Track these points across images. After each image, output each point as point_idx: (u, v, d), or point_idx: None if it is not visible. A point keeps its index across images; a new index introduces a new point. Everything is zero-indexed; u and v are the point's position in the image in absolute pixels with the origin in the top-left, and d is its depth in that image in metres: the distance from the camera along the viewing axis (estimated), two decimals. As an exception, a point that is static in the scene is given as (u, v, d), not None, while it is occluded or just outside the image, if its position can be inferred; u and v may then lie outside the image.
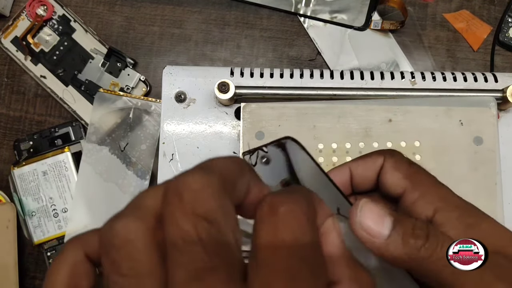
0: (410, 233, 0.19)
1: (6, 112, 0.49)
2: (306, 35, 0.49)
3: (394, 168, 0.23)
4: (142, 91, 0.48)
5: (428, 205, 0.22)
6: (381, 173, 0.24)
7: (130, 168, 0.46)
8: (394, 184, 0.23)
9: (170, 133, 0.38)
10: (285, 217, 0.16)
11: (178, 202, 0.15)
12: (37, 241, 0.46)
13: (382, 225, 0.20)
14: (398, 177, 0.23)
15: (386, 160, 0.24)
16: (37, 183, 0.46)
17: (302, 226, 0.16)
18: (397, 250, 0.19)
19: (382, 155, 0.24)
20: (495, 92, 0.36)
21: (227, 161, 0.18)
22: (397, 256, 0.19)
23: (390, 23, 0.47)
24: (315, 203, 0.19)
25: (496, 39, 0.48)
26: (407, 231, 0.19)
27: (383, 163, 0.24)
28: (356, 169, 0.25)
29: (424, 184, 0.23)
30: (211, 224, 0.15)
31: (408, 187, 0.22)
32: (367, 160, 0.24)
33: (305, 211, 0.17)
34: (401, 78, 0.38)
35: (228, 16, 0.49)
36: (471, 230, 0.21)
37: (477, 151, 0.36)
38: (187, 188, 0.15)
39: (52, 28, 0.49)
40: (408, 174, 0.23)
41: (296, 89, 0.37)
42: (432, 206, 0.21)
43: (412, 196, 0.22)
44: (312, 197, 0.19)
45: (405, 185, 0.23)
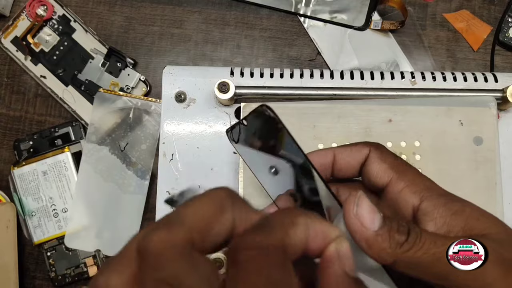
0: (395, 229, 0.21)
1: (6, 112, 0.49)
2: (306, 35, 0.49)
3: (380, 159, 0.24)
4: (142, 91, 0.48)
5: (415, 194, 0.23)
6: (366, 163, 0.25)
7: (130, 168, 0.46)
8: (380, 173, 0.24)
9: (170, 133, 0.38)
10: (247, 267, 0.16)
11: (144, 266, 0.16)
12: (37, 241, 0.46)
13: (374, 219, 0.21)
14: (384, 167, 0.24)
15: (372, 151, 0.25)
16: (37, 183, 0.46)
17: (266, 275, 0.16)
18: (384, 243, 0.21)
19: (368, 146, 0.25)
20: (495, 92, 0.36)
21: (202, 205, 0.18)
22: (383, 248, 0.21)
23: (390, 23, 0.47)
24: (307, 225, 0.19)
25: (496, 39, 0.48)
26: (393, 227, 0.21)
27: (369, 153, 0.25)
28: (341, 154, 0.26)
29: (409, 175, 0.24)
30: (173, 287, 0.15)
31: (394, 177, 0.24)
32: (352, 148, 0.25)
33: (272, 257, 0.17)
34: (401, 78, 0.38)
35: (228, 16, 0.49)
36: (456, 216, 0.22)
37: (477, 151, 0.36)
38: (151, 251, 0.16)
39: (52, 28, 0.49)
40: (394, 165, 0.24)
41: (296, 89, 0.37)
42: (418, 195, 0.23)
43: (398, 185, 0.23)
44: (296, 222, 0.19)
45: (391, 175, 0.24)
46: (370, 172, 0.24)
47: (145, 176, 0.46)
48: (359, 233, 0.21)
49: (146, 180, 0.46)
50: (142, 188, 0.46)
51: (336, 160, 0.26)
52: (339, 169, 0.26)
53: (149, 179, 0.46)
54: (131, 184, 0.46)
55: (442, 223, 0.22)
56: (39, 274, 0.47)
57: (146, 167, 0.47)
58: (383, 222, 0.21)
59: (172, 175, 0.37)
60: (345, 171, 0.26)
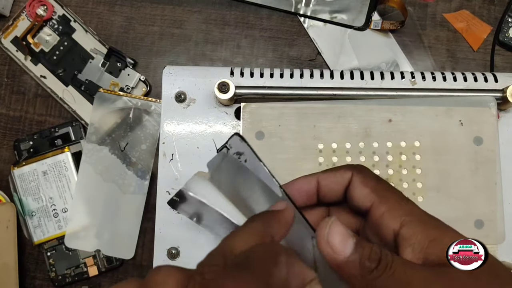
0: (366, 256, 0.21)
1: (6, 112, 0.49)
2: (306, 35, 0.49)
3: (362, 183, 0.25)
4: (142, 91, 0.48)
5: (395, 219, 0.23)
6: (349, 187, 0.25)
7: (130, 168, 0.46)
8: (362, 197, 0.24)
9: (170, 133, 0.38)
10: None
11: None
12: (37, 241, 0.46)
13: (346, 245, 0.22)
14: (366, 192, 0.24)
15: (354, 175, 0.25)
16: (37, 183, 0.46)
17: None
18: (354, 269, 0.21)
19: (351, 170, 0.25)
20: (495, 92, 0.36)
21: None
22: (353, 274, 0.21)
23: (390, 23, 0.47)
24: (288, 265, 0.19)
25: (496, 39, 0.48)
26: (365, 254, 0.22)
27: (352, 177, 0.25)
28: (324, 180, 0.26)
29: (390, 199, 0.24)
30: None
31: (376, 201, 0.24)
32: (335, 174, 0.26)
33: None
34: (401, 78, 0.38)
35: (228, 16, 0.49)
36: (433, 243, 0.22)
37: (477, 151, 0.36)
38: None
39: (52, 28, 0.49)
40: (376, 189, 0.24)
41: (296, 89, 0.37)
42: (398, 220, 0.23)
43: (379, 210, 0.24)
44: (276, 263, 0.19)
45: (372, 199, 0.24)
46: (353, 196, 0.25)
47: (145, 176, 0.46)
48: (329, 258, 0.22)
49: (146, 180, 0.46)
50: (142, 188, 0.46)
51: (320, 186, 0.26)
52: (323, 195, 0.26)
53: (149, 179, 0.46)
54: (131, 184, 0.46)
55: (420, 249, 0.22)
56: (39, 274, 0.47)
57: (146, 167, 0.47)
58: (355, 248, 0.22)
59: (172, 175, 0.37)
60: (330, 196, 0.26)
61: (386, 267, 0.21)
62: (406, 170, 0.35)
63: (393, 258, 0.21)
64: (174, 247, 0.37)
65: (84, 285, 0.47)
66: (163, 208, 0.37)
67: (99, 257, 0.46)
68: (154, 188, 0.45)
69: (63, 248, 0.46)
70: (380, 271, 0.21)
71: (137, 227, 0.46)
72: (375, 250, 0.22)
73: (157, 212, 0.37)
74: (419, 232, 0.22)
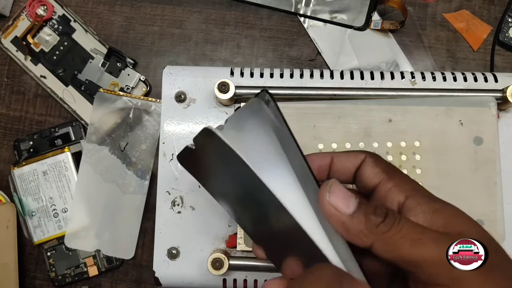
0: (372, 212, 0.22)
1: (6, 112, 0.49)
2: (306, 35, 0.49)
3: (374, 163, 0.26)
4: (142, 91, 0.48)
5: (401, 193, 0.24)
6: (360, 167, 0.26)
7: (130, 168, 0.46)
8: (372, 175, 0.25)
9: (170, 133, 0.38)
10: None
11: None
12: (37, 241, 0.46)
13: (349, 203, 0.22)
14: (377, 171, 0.25)
15: (368, 157, 0.26)
16: (37, 183, 0.46)
17: None
18: (360, 225, 0.22)
19: (364, 153, 0.26)
20: (495, 92, 0.36)
21: None
22: (359, 230, 0.22)
23: (390, 23, 0.47)
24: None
25: (496, 39, 0.48)
26: (370, 210, 0.22)
27: (365, 158, 0.26)
28: (338, 158, 0.27)
29: (399, 177, 0.25)
30: None
31: (384, 178, 0.25)
32: (350, 154, 0.27)
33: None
34: (401, 78, 0.38)
35: (228, 16, 0.49)
36: (437, 213, 0.23)
37: (477, 151, 0.36)
38: None
39: (52, 28, 0.49)
40: (386, 169, 0.25)
41: (296, 89, 0.37)
42: (404, 193, 0.24)
43: (387, 185, 0.24)
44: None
45: (382, 177, 0.25)
46: (364, 174, 0.26)
47: (145, 176, 0.46)
48: (334, 217, 0.22)
49: (146, 180, 0.46)
50: (142, 188, 0.46)
51: (333, 162, 0.27)
52: (335, 171, 0.27)
53: (149, 179, 0.46)
54: (131, 184, 0.46)
55: (424, 219, 0.23)
56: (39, 274, 0.47)
57: (146, 167, 0.47)
58: (358, 206, 0.22)
59: (172, 175, 0.37)
60: (341, 173, 0.27)
61: (394, 222, 0.21)
62: (406, 170, 0.35)
63: (400, 216, 0.22)
64: (174, 247, 0.37)
65: (84, 285, 0.47)
66: (163, 208, 0.37)
67: (99, 257, 0.46)
68: (154, 188, 0.45)
69: (63, 248, 0.46)
70: (388, 226, 0.21)
71: (137, 227, 0.46)
72: (381, 207, 0.22)
73: (157, 212, 0.37)
74: (423, 203, 0.23)
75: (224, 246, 0.37)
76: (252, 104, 0.25)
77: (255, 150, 0.25)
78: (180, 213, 0.37)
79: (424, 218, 0.23)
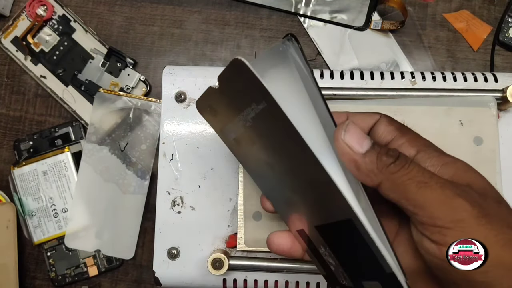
0: (384, 153, 0.23)
1: (6, 112, 0.49)
2: (306, 35, 0.49)
3: (388, 122, 0.27)
4: (142, 91, 0.48)
5: (412, 148, 0.25)
6: (375, 125, 0.27)
7: (130, 168, 0.46)
8: (385, 132, 0.26)
9: (170, 133, 0.38)
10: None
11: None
12: (37, 241, 0.46)
13: (362, 143, 0.23)
14: (391, 128, 0.26)
15: (382, 116, 0.27)
16: (37, 183, 0.46)
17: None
18: (371, 164, 0.23)
19: (379, 114, 0.27)
20: (495, 92, 0.36)
21: None
22: (370, 170, 0.23)
23: (390, 23, 0.47)
24: None
25: (496, 39, 0.48)
26: (382, 151, 0.23)
27: (379, 118, 0.27)
28: (354, 116, 0.28)
29: (411, 134, 0.26)
30: None
31: (397, 135, 0.26)
32: (365, 114, 0.28)
33: None
34: (401, 78, 0.38)
35: (228, 16, 0.49)
36: (447, 166, 0.24)
37: (477, 151, 0.36)
38: None
39: (52, 28, 0.49)
40: (399, 127, 0.26)
41: (296, 89, 0.37)
42: (416, 148, 0.25)
43: (399, 141, 0.26)
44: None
45: (395, 134, 0.26)
46: (377, 132, 0.27)
47: (145, 176, 0.46)
48: (347, 155, 0.23)
49: (146, 180, 0.46)
50: (142, 188, 0.46)
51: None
52: None
53: (149, 179, 0.46)
54: (131, 184, 0.46)
55: (433, 171, 0.23)
56: (39, 274, 0.47)
57: (146, 167, 0.47)
58: (372, 146, 0.23)
59: (172, 175, 0.37)
60: None
61: (404, 164, 0.22)
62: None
63: (411, 160, 0.23)
64: (174, 247, 0.37)
65: (84, 285, 0.47)
66: (163, 208, 0.37)
67: (99, 257, 0.46)
68: (154, 188, 0.45)
69: (63, 248, 0.46)
70: (398, 167, 0.22)
71: (137, 227, 0.46)
72: (393, 149, 0.23)
73: (157, 212, 0.37)
74: (434, 157, 0.24)
75: (224, 246, 0.37)
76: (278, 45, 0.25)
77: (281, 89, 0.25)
78: (180, 213, 0.37)
79: (433, 170, 0.23)
